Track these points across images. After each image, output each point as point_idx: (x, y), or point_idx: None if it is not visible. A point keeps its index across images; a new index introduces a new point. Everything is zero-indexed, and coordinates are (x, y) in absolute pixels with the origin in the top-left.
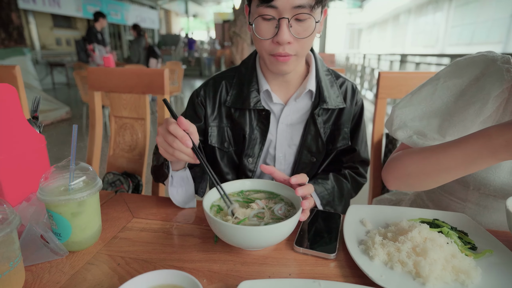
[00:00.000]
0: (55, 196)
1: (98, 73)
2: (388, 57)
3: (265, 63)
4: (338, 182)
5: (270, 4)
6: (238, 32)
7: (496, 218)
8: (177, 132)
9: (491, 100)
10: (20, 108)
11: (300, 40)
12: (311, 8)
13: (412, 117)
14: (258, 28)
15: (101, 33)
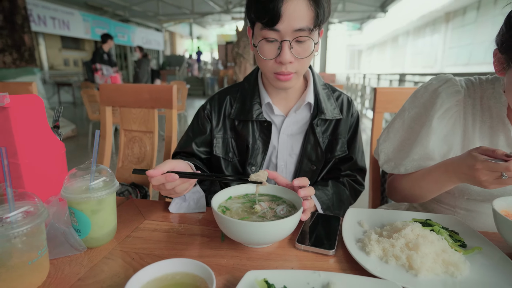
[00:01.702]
0: (78, 194)
1: (110, 89)
2: (388, 77)
3: (268, 80)
4: (337, 189)
5: (273, 28)
6: (241, 53)
7: (485, 221)
8: (159, 180)
9: (436, 119)
10: (45, 117)
11: (300, 60)
12: (310, 31)
13: (393, 149)
14: (262, 50)
15: (108, 54)
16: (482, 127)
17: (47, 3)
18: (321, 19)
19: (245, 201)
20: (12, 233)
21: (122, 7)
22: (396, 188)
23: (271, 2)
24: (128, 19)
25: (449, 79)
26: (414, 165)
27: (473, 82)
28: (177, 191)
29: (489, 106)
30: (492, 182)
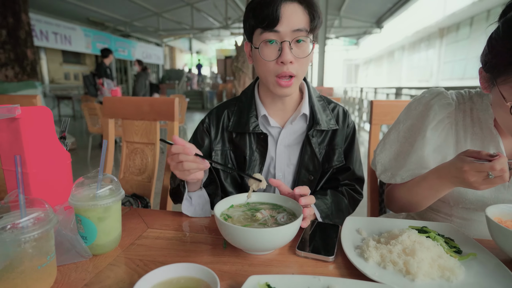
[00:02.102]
0: (85, 201)
1: (113, 101)
2: (385, 90)
3: (269, 87)
4: (336, 198)
5: (273, 29)
6: (240, 67)
7: (481, 230)
8: (178, 149)
9: (430, 130)
10: (53, 128)
11: (299, 60)
12: (307, 32)
13: (389, 159)
14: (263, 52)
15: (109, 68)
16: (473, 139)
17: (49, 19)
18: (315, 24)
19: (246, 209)
20: (23, 238)
21: (123, 23)
22: (393, 198)
23: (270, 6)
24: (128, 34)
25: (440, 92)
26: (410, 174)
27: (463, 95)
28: (184, 166)
29: (479, 118)
30: (481, 182)
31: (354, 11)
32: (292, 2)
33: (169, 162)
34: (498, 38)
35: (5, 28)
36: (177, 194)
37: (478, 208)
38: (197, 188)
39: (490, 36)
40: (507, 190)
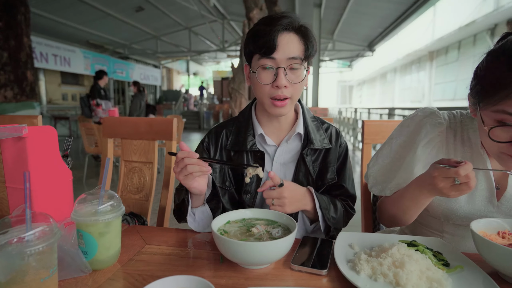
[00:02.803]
0: (87, 217)
1: (112, 122)
2: (379, 111)
3: (265, 107)
4: (333, 200)
5: (270, 56)
6: (236, 88)
7: (471, 245)
8: (183, 153)
9: (421, 148)
10: (57, 146)
11: (293, 85)
12: (301, 61)
13: (380, 173)
14: (260, 76)
15: (104, 89)
16: (463, 157)
17: (50, 41)
18: (310, 52)
19: (242, 225)
20: (28, 251)
21: (122, 45)
22: (383, 210)
23: (268, 35)
24: (127, 56)
25: (433, 112)
26: (397, 188)
27: (455, 115)
28: (188, 169)
29: (469, 138)
30: (449, 188)
31: (347, 35)
32: (289, 32)
33: (175, 170)
34: (482, 68)
35: (6, 51)
36: (181, 211)
37: (467, 224)
38: (200, 204)
39: (477, 66)
40: (496, 208)
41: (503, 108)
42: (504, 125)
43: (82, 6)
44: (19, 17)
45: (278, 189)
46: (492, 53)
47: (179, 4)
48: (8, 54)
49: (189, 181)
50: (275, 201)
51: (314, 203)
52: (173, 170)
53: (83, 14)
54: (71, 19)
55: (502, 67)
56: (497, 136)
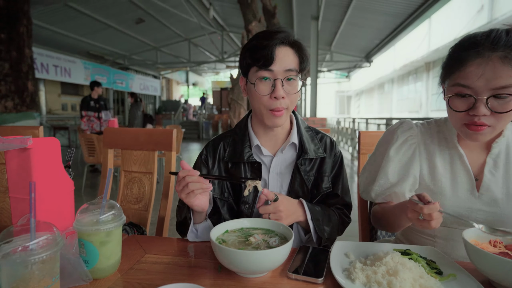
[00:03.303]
0: (89, 226)
1: (113, 132)
2: (377, 121)
3: (262, 118)
4: (326, 210)
5: (268, 68)
6: (235, 99)
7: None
8: (184, 172)
9: (393, 150)
10: (60, 157)
11: (290, 96)
12: (297, 72)
13: (369, 181)
14: (258, 88)
15: (95, 100)
16: (442, 155)
17: (51, 52)
18: (304, 65)
19: (240, 234)
20: (32, 260)
21: (122, 56)
22: (375, 217)
23: (266, 49)
24: (127, 67)
25: (404, 121)
26: (380, 190)
27: (429, 122)
28: (189, 186)
29: (446, 138)
30: (416, 220)
31: (344, 46)
32: (285, 45)
33: (177, 189)
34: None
35: (8, 61)
36: (184, 227)
37: (456, 226)
38: (203, 220)
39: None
40: (477, 199)
41: (457, 81)
42: (459, 96)
43: (84, 18)
44: (22, 28)
45: (273, 203)
46: (453, 45)
47: (179, 16)
48: (9, 65)
49: (191, 199)
50: (272, 215)
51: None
52: (175, 189)
53: (84, 26)
54: (72, 31)
55: (457, 49)
56: (455, 105)
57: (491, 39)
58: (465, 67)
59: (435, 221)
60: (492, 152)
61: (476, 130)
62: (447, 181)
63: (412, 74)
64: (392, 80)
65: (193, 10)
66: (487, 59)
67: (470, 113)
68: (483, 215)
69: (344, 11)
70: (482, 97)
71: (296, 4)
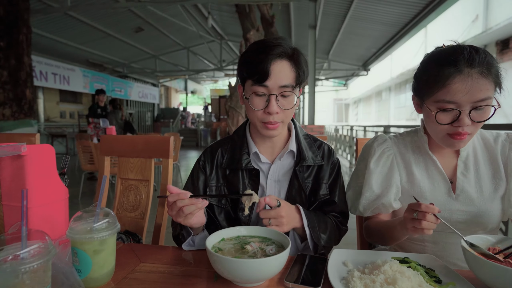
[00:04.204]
0: (82, 234)
1: (110, 140)
2: (375, 129)
3: (257, 129)
4: (323, 217)
5: (263, 84)
6: (233, 106)
7: (454, 252)
8: (173, 197)
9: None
10: (54, 164)
11: (285, 111)
12: (293, 88)
13: (355, 197)
14: (252, 102)
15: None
16: (417, 163)
17: (50, 60)
18: (301, 79)
19: (236, 242)
20: (23, 268)
21: (121, 64)
22: (368, 231)
23: (261, 63)
24: (126, 75)
25: (378, 135)
26: (367, 203)
27: (401, 134)
28: (184, 211)
29: (418, 147)
30: (408, 220)
31: (342, 55)
32: (282, 59)
33: (170, 213)
34: (419, 72)
35: (6, 69)
36: (179, 239)
37: (445, 229)
38: (200, 231)
39: (415, 73)
40: (455, 200)
41: (440, 97)
42: (444, 111)
43: (83, 27)
44: (21, 37)
45: (275, 209)
46: (425, 59)
47: (178, 25)
48: (8, 73)
49: (188, 220)
50: (272, 221)
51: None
52: (168, 213)
53: (83, 34)
54: (72, 39)
55: (433, 66)
56: (441, 120)
57: (466, 57)
58: (449, 84)
59: (426, 222)
60: (461, 155)
61: (460, 138)
62: (425, 186)
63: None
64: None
65: (192, 19)
66: (467, 75)
67: (454, 125)
68: (463, 215)
69: (341, 20)
70: (465, 109)
71: (294, 14)
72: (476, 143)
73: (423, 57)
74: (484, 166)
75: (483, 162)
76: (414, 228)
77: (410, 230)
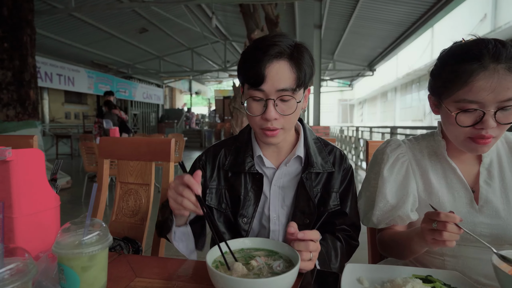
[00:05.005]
0: (69, 249)
1: (109, 142)
2: (380, 130)
3: (257, 135)
4: (333, 242)
5: (259, 88)
6: (237, 107)
7: (476, 267)
8: (190, 180)
9: (386, 170)
10: (44, 170)
11: (285, 116)
12: (293, 91)
13: (368, 207)
14: (249, 107)
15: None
16: (434, 170)
17: (55, 62)
18: (302, 80)
19: (240, 256)
20: None
21: (125, 65)
22: (383, 244)
23: (256, 66)
24: (130, 76)
25: (391, 140)
26: (381, 214)
27: (415, 138)
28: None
29: (435, 152)
30: (427, 232)
31: (347, 55)
32: (279, 60)
33: (171, 186)
34: (437, 69)
35: (11, 70)
36: (162, 228)
37: (466, 241)
38: (183, 223)
39: (431, 70)
40: (478, 212)
41: (461, 97)
42: (465, 111)
43: (88, 28)
44: (25, 38)
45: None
46: (443, 55)
47: (182, 26)
48: (12, 74)
49: (180, 211)
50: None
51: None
52: (168, 194)
53: (88, 36)
54: (77, 40)
55: (453, 62)
56: (462, 121)
57: (491, 52)
58: (472, 81)
59: (448, 233)
60: (484, 161)
61: (484, 143)
62: (444, 196)
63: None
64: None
65: (196, 20)
66: (493, 71)
67: (477, 127)
68: (487, 229)
69: (347, 20)
70: (490, 110)
71: (299, 14)
72: (501, 147)
73: (440, 52)
74: (511, 173)
75: (509, 169)
76: (434, 240)
77: (429, 242)
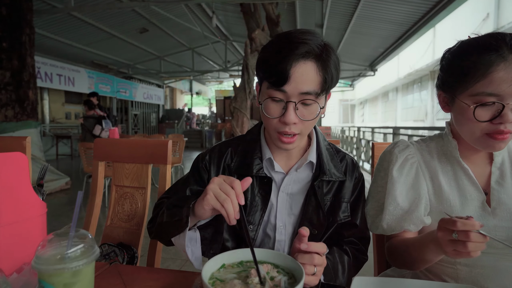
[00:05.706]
0: (50, 265)
1: (104, 143)
2: (382, 130)
3: (272, 139)
4: (341, 258)
5: (280, 88)
6: (238, 107)
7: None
8: (238, 188)
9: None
10: (27, 175)
11: (304, 122)
12: (317, 96)
13: (376, 212)
14: (267, 108)
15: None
16: (445, 172)
17: (55, 62)
18: (328, 84)
19: (240, 270)
20: None
21: (126, 65)
22: (392, 252)
23: (280, 64)
24: (131, 76)
25: (398, 141)
26: (391, 219)
27: (423, 139)
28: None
29: (445, 154)
30: (446, 243)
31: (348, 55)
32: (306, 60)
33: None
34: (447, 64)
35: (9, 70)
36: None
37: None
38: (191, 225)
39: (441, 66)
40: (492, 215)
41: (479, 89)
42: (483, 105)
43: (88, 28)
44: (24, 38)
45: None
46: (456, 48)
47: (182, 26)
48: (10, 74)
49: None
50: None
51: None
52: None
53: (88, 36)
54: (77, 40)
55: (469, 53)
56: (479, 116)
57: (509, 43)
58: (491, 73)
59: (472, 243)
60: (495, 161)
61: (502, 138)
62: (455, 199)
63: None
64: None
65: (197, 20)
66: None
67: (494, 122)
68: (503, 232)
69: (348, 19)
70: (509, 103)
71: (300, 13)
72: (511, 145)
73: (447, 49)
74: None
75: None
76: (455, 252)
77: (450, 254)
